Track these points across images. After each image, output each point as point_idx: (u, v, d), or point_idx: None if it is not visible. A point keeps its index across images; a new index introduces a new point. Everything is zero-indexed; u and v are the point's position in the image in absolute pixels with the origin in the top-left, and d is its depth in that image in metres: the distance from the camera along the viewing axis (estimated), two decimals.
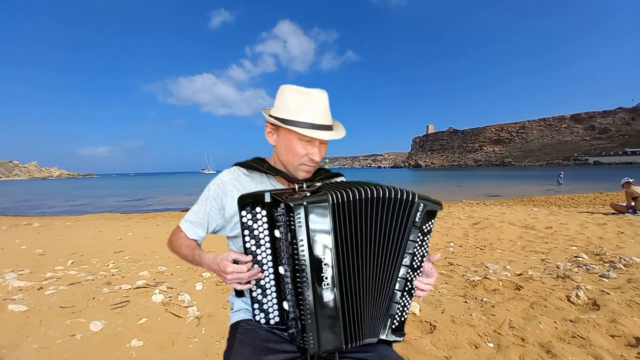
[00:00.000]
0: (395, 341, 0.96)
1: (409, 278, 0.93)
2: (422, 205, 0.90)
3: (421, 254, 0.94)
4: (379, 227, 0.88)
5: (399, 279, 0.93)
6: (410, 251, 0.92)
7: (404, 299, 0.94)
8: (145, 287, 3.17)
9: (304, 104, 0.96)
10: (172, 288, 3.13)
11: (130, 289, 3.11)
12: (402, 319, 0.95)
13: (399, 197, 0.89)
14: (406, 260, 0.92)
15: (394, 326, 0.94)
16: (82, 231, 7.65)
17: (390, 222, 0.89)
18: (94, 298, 2.84)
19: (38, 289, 3.13)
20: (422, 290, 0.94)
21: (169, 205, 18.28)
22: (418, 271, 0.94)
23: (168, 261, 4.52)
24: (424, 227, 0.92)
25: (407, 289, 0.94)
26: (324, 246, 0.82)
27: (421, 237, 0.92)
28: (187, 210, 1.13)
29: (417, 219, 0.91)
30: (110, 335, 2.16)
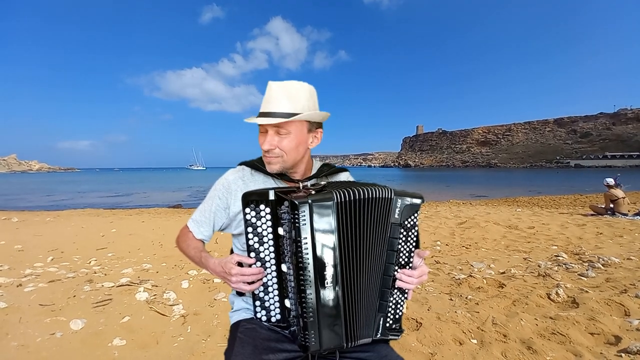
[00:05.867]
0: (391, 339, 0.97)
1: (397, 275, 0.94)
2: (399, 201, 0.91)
3: (408, 249, 0.94)
4: (371, 226, 0.89)
5: (386, 277, 0.93)
6: (394, 248, 0.92)
7: (395, 296, 0.94)
8: (129, 285, 3.09)
9: (265, 97, 0.99)
10: (157, 286, 3.07)
11: (113, 287, 3.03)
12: (397, 316, 0.96)
13: (384, 195, 0.90)
14: (392, 258, 0.93)
15: (388, 324, 0.94)
16: (62, 227, 7.40)
17: (377, 221, 0.90)
18: (74, 296, 2.75)
19: (17, 286, 3.02)
20: (405, 282, 0.93)
21: (155, 201, 17.90)
22: (407, 267, 0.95)
23: (153, 258, 4.43)
24: (405, 222, 0.92)
25: (396, 286, 0.94)
26: (328, 245, 0.82)
27: (405, 233, 0.93)
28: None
29: (396, 215, 0.91)
30: (91, 335, 2.10)
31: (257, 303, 0.91)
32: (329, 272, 0.83)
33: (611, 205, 7.35)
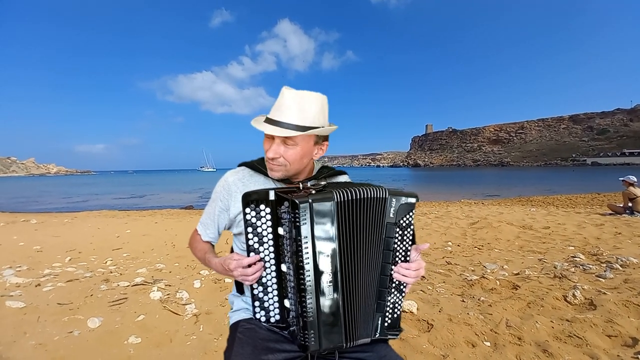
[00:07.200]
0: (390, 339, 0.96)
1: (393, 274, 0.93)
2: (394, 200, 0.91)
3: (404, 248, 0.94)
4: (369, 226, 0.89)
5: (383, 277, 0.93)
6: (390, 248, 0.92)
7: (393, 295, 0.94)
8: (143, 284, 3.17)
9: (276, 101, 0.98)
10: (170, 285, 3.13)
11: (128, 286, 3.11)
12: (395, 315, 0.95)
13: (380, 195, 0.90)
14: (389, 258, 0.93)
15: (386, 324, 0.94)
16: (80, 228, 7.62)
17: (374, 220, 0.90)
18: (91, 295, 2.83)
19: (36, 286, 3.12)
20: (404, 277, 0.92)
21: (168, 202, 18.24)
22: None
23: (166, 259, 4.52)
24: (401, 221, 0.92)
25: (394, 285, 0.94)
26: (328, 244, 0.82)
27: (400, 232, 0.92)
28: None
29: (391, 215, 0.91)
30: (107, 333, 2.16)
31: (257, 303, 0.91)
32: (329, 271, 0.83)
33: (630, 204, 7.11)
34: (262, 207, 0.87)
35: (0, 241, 5.84)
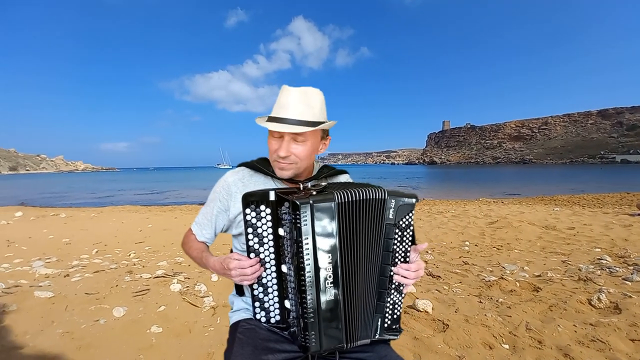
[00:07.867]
0: (390, 339, 0.96)
1: (393, 275, 0.93)
2: (393, 201, 0.90)
3: (403, 249, 0.93)
4: (369, 227, 0.89)
5: (383, 278, 0.93)
6: (390, 249, 0.92)
7: (392, 296, 0.94)
8: (164, 276, 3.29)
9: (277, 100, 0.98)
10: (189, 278, 3.23)
11: (150, 278, 3.24)
12: (395, 316, 0.95)
13: (380, 196, 0.89)
14: (388, 259, 0.92)
15: (386, 325, 0.94)
16: (105, 222, 7.97)
17: (374, 222, 0.89)
18: (116, 286, 2.97)
19: (64, 276, 3.30)
20: (404, 277, 0.92)
21: (186, 198, 18.75)
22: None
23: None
24: (400, 222, 0.91)
25: (393, 286, 0.94)
26: (329, 245, 0.83)
27: (400, 234, 0.92)
28: (203, 204, 1.15)
29: (391, 216, 0.91)
30: (131, 322, 2.26)
31: (257, 304, 0.91)
32: (330, 272, 0.83)
33: None
34: (262, 207, 0.87)
35: (31, 234, 6.20)
